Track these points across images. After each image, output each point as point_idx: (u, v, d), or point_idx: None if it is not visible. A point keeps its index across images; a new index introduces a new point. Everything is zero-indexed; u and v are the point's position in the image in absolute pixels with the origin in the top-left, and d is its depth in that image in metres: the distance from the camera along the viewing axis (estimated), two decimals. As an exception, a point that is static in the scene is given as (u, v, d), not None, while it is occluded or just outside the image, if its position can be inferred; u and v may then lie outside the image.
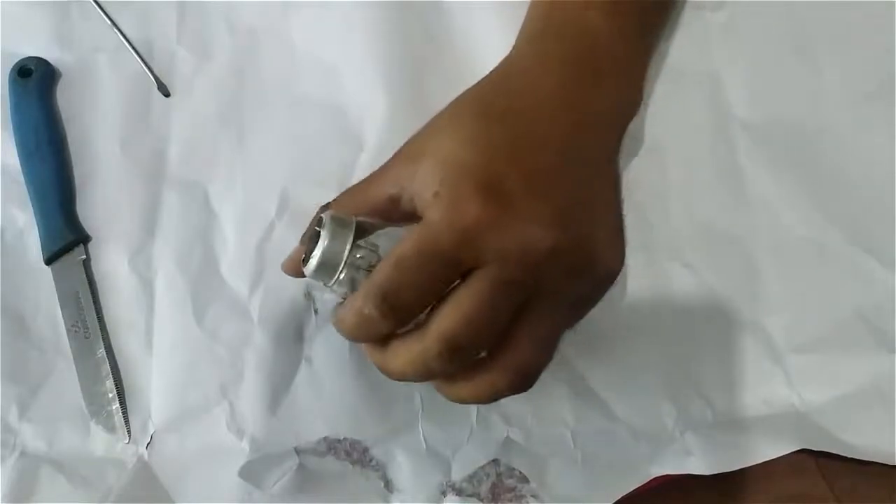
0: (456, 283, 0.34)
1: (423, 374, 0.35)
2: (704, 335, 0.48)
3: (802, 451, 0.46)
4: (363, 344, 0.37)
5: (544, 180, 0.35)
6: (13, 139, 0.48)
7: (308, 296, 0.46)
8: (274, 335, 0.46)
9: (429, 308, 0.35)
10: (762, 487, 0.46)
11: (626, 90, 0.42)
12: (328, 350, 0.46)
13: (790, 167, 0.49)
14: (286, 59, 0.49)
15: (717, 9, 0.49)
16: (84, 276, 0.46)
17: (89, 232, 0.47)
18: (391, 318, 0.33)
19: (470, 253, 0.33)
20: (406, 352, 0.35)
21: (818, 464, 0.46)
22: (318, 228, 0.35)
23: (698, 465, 0.45)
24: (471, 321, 0.33)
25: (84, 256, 0.47)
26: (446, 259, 0.33)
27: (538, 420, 0.46)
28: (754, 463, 0.45)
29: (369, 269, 0.35)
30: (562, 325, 0.37)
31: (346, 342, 0.46)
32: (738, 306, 0.49)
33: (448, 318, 0.33)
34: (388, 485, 0.45)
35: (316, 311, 0.46)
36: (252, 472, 0.44)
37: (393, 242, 0.35)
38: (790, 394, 0.48)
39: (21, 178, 0.47)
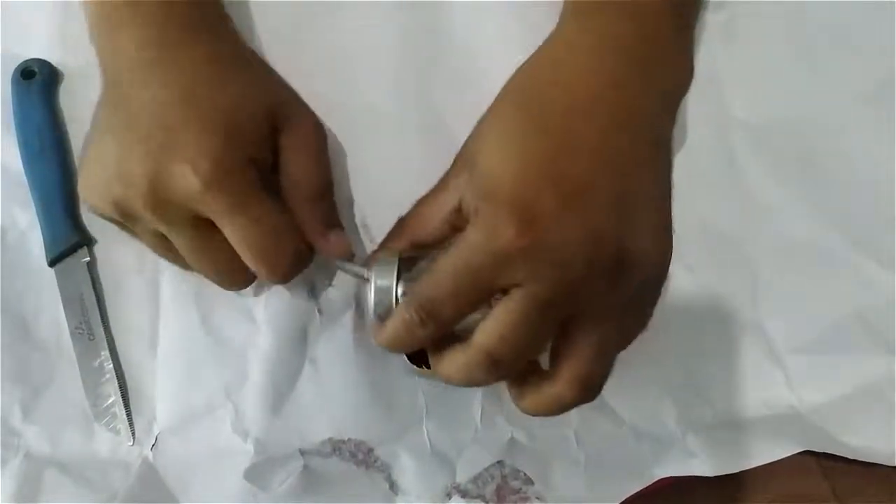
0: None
1: (469, 381, 0.37)
2: (705, 337, 0.48)
3: (804, 451, 0.46)
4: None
5: (579, 193, 0.35)
6: (16, 141, 0.48)
7: (312, 297, 0.46)
8: (278, 336, 0.46)
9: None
10: (764, 487, 0.46)
11: (680, 69, 0.42)
12: (332, 351, 0.46)
13: (790, 168, 0.49)
14: (294, 59, 0.49)
15: (717, 9, 0.49)
16: (88, 278, 0.46)
17: (94, 234, 0.47)
18: (430, 326, 0.35)
19: (505, 274, 0.34)
20: (452, 358, 0.37)
21: (820, 464, 0.46)
22: (365, 278, 0.39)
23: (701, 466, 0.46)
24: (506, 338, 0.35)
25: (88, 258, 0.47)
26: (481, 279, 0.34)
27: (542, 421, 0.46)
28: (757, 465, 0.45)
29: None
30: (619, 332, 0.38)
31: (351, 343, 0.46)
32: (738, 308, 0.49)
33: (486, 333, 0.35)
34: (393, 486, 0.45)
35: (320, 312, 0.46)
36: (257, 474, 0.44)
37: None
38: (790, 395, 0.48)
39: (23, 180, 0.47)
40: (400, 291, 0.38)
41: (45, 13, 0.43)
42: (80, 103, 0.48)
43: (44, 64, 0.48)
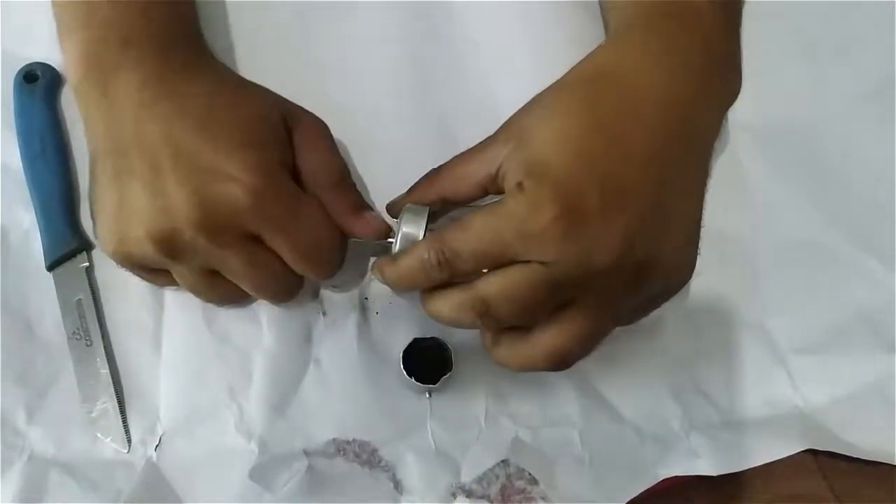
0: None
1: (454, 321, 0.39)
2: (708, 337, 0.49)
3: (804, 450, 0.46)
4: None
5: (624, 196, 0.36)
6: (17, 143, 0.48)
7: (316, 297, 0.46)
8: (282, 337, 0.46)
9: None
10: (763, 487, 0.46)
11: (732, 81, 0.42)
12: (336, 352, 0.46)
13: (792, 168, 0.50)
14: (293, 61, 0.49)
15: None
16: (87, 283, 0.46)
17: (93, 239, 0.47)
18: (445, 271, 0.37)
19: (533, 250, 0.35)
20: (447, 296, 0.38)
21: (819, 464, 0.46)
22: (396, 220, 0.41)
23: (705, 466, 0.45)
24: (508, 298, 0.36)
25: (87, 264, 0.46)
26: (509, 248, 0.36)
27: (546, 420, 0.46)
28: (760, 463, 0.45)
29: None
30: (614, 322, 0.40)
31: (355, 343, 0.46)
32: (741, 307, 0.49)
33: (492, 285, 0.36)
34: (398, 486, 0.44)
35: (324, 313, 0.46)
36: (261, 474, 0.43)
37: None
38: (793, 394, 0.48)
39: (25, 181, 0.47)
40: None
41: (48, 16, 0.43)
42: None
43: (46, 68, 0.48)
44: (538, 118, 0.38)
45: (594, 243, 0.35)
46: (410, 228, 0.40)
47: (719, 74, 0.41)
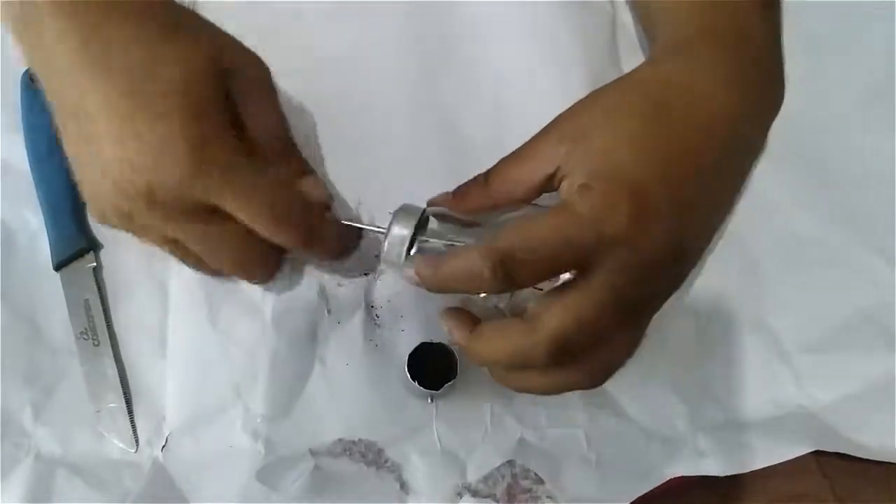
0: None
1: (519, 366, 0.36)
2: (712, 336, 0.49)
3: (804, 450, 0.46)
4: (449, 322, 0.38)
5: (687, 205, 0.36)
6: (24, 143, 0.48)
7: (321, 296, 0.46)
8: (287, 336, 0.46)
9: None
10: (763, 487, 0.46)
11: (778, 94, 0.42)
12: (342, 351, 0.46)
13: (794, 167, 0.50)
14: (301, 60, 0.49)
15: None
16: (94, 283, 0.46)
17: (100, 236, 0.47)
18: (502, 284, 0.34)
19: (600, 256, 0.34)
20: (508, 340, 0.36)
21: (819, 464, 0.46)
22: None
23: (711, 466, 0.46)
24: (587, 325, 0.34)
25: (94, 264, 0.47)
26: (576, 252, 0.34)
27: (551, 421, 0.46)
28: (766, 465, 0.45)
29: None
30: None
31: (361, 342, 0.46)
32: (745, 307, 0.49)
33: (562, 318, 0.34)
34: (404, 486, 0.45)
35: (329, 311, 0.46)
36: (268, 475, 0.43)
37: None
38: (799, 394, 0.48)
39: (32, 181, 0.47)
40: (415, 245, 0.39)
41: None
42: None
43: (53, 68, 0.48)
44: (601, 117, 0.37)
45: (658, 251, 0.34)
46: (401, 230, 0.39)
47: (769, 89, 0.40)
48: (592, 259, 0.34)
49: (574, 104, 0.38)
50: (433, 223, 0.40)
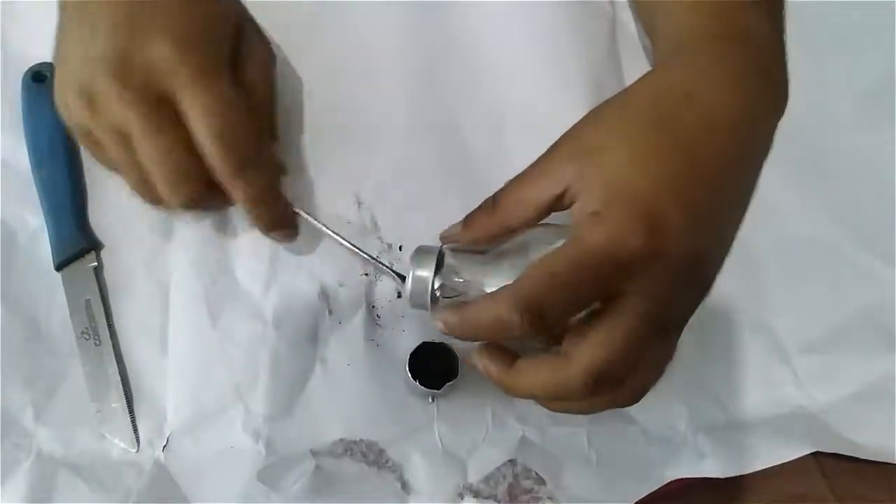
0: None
1: (557, 399, 0.37)
2: (712, 337, 0.49)
3: (804, 450, 0.46)
4: (482, 360, 0.38)
5: (701, 217, 0.35)
6: (25, 143, 0.48)
7: (322, 296, 0.46)
8: (288, 336, 0.46)
9: None
10: (763, 487, 0.46)
11: (783, 98, 0.41)
12: (343, 351, 0.46)
13: (794, 167, 0.50)
14: (305, 61, 0.49)
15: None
16: (95, 283, 0.46)
17: (102, 238, 0.47)
18: (533, 327, 0.34)
19: (622, 282, 0.34)
20: (543, 376, 0.36)
21: (819, 464, 0.46)
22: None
23: (712, 467, 0.46)
24: (619, 356, 0.34)
25: (95, 264, 0.46)
26: (599, 282, 0.34)
27: (553, 420, 0.46)
28: (767, 465, 0.46)
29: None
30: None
31: (361, 342, 0.46)
32: (745, 307, 0.49)
33: (597, 351, 0.34)
34: (405, 486, 0.45)
35: (330, 312, 0.46)
36: (269, 475, 0.43)
37: None
38: (799, 394, 0.48)
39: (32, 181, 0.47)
40: (437, 283, 0.39)
41: (55, 16, 0.43)
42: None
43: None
44: (609, 135, 0.37)
45: (678, 264, 0.34)
46: (422, 271, 0.40)
47: (775, 94, 0.40)
48: (616, 287, 0.34)
49: (579, 121, 0.38)
50: (449, 257, 0.40)
